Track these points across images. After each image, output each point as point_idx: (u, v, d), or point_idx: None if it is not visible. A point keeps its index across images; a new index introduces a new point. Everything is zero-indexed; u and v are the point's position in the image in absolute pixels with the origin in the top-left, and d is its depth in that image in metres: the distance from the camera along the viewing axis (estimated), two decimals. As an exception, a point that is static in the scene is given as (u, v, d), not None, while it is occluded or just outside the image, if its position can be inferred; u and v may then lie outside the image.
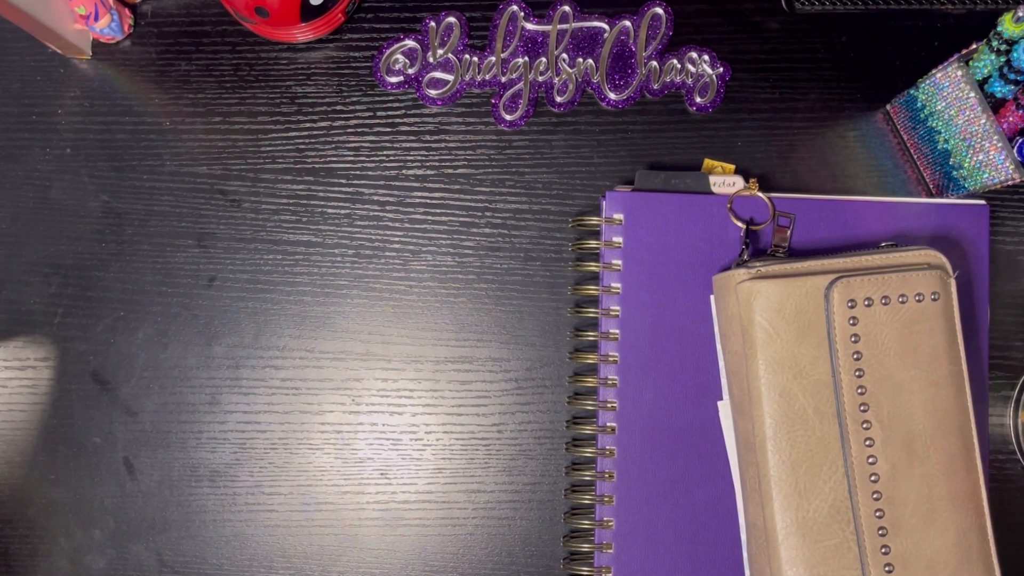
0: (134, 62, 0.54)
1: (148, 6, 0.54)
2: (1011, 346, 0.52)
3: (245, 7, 0.49)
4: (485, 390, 0.52)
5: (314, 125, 0.53)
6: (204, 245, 0.53)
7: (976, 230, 0.50)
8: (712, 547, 0.48)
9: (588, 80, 0.53)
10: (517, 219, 0.53)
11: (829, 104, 0.54)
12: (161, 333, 0.52)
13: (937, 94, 0.48)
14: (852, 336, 0.44)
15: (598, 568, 0.48)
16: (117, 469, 0.52)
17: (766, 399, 0.44)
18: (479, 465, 0.52)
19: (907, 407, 0.43)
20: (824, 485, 0.43)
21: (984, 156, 0.47)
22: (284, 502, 0.52)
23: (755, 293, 0.44)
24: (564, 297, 0.52)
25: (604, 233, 0.50)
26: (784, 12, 0.54)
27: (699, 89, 0.53)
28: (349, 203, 0.53)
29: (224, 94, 0.54)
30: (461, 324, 0.52)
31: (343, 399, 0.52)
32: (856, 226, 0.50)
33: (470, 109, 0.53)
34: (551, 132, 0.53)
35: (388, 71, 0.53)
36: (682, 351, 0.49)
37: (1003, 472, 0.52)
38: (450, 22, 0.53)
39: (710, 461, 0.48)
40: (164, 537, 0.52)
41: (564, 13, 0.53)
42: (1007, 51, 0.45)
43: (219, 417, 0.52)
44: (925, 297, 0.44)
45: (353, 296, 0.52)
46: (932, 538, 0.43)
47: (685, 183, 0.50)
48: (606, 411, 0.49)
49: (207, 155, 0.53)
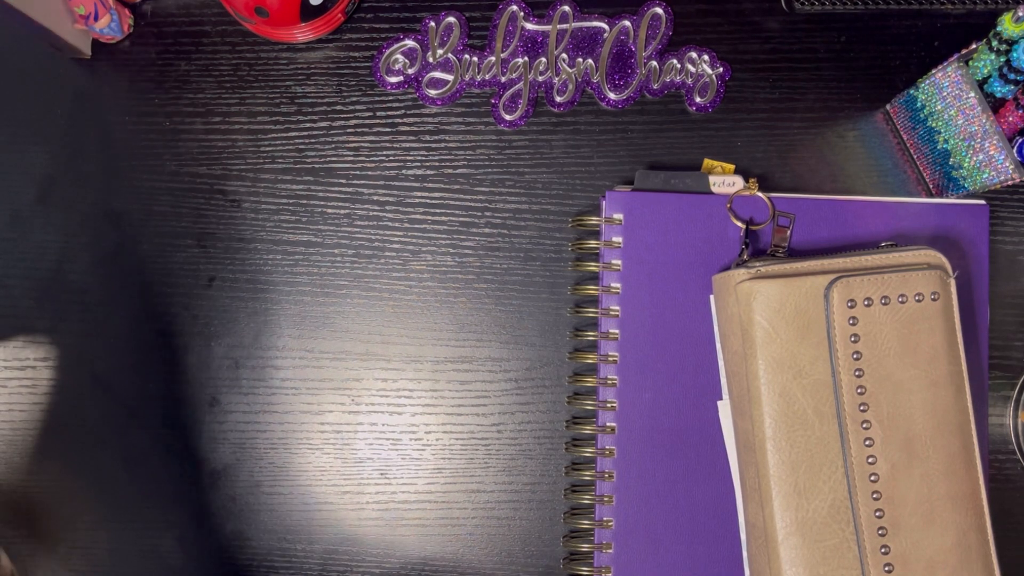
0: (134, 62, 0.54)
1: (148, 6, 0.54)
2: (1011, 346, 0.52)
3: (245, 7, 0.49)
4: (485, 390, 0.52)
5: (314, 125, 0.53)
6: (204, 245, 0.53)
7: (976, 230, 0.50)
8: (712, 547, 0.48)
9: (588, 80, 0.53)
10: (517, 219, 0.53)
11: (829, 104, 0.54)
12: (161, 333, 0.52)
13: (937, 94, 0.48)
14: (852, 336, 0.44)
15: (598, 568, 0.48)
16: (118, 469, 0.52)
17: (766, 399, 0.44)
18: (479, 465, 0.52)
19: (907, 407, 0.43)
20: (824, 485, 0.43)
21: (984, 156, 0.47)
22: (284, 502, 0.52)
23: (755, 293, 0.44)
24: (564, 297, 0.52)
25: (604, 233, 0.50)
26: (784, 12, 0.54)
27: (699, 89, 0.53)
28: (349, 203, 0.53)
29: (224, 94, 0.54)
30: (461, 324, 0.52)
31: (343, 399, 0.52)
32: (856, 226, 0.50)
33: (470, 109, 0.53)
34: (551, 132, 0.53)
35: (388, 71, 0.53)
36: (682, 351, 0.49)
37: (1003, 472, 0.52)
38: (450, 22, 0.53)
39: (710, 461, 0.48)
40: (164, 537, 0.52)
41: (564, 13, 0.53)
42: (1007, 51, 0.45)
43: (219, 417, 0.52)
44: (925, 297, 0.44)
45: (353, 296, 0.52)
46: (932, 538, 0.43)
47: (685, 183, 0.50)
48: (606, 411, 0.49)
49: (207, 155, 0.53)
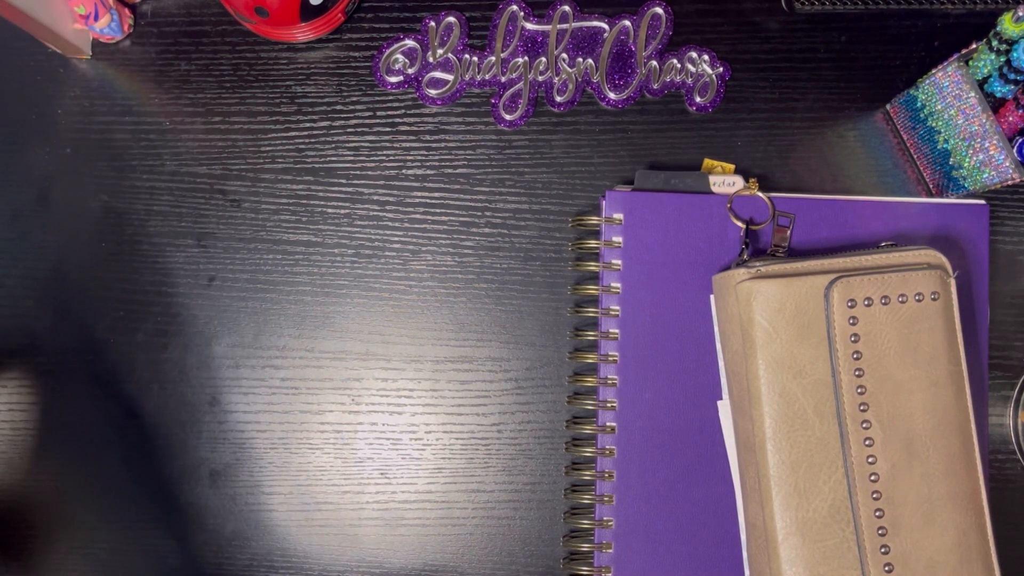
0: (134, 62, 0.54)
1: (148, 6, 0.54)
2: (1011, 346, 0.52)
3: (245, 7, 0.49)
4: (485, 390, 0.52)
5: (314, 125, 0.53)
6: (204, 245, 0.53)
7: (976, 230, 0.50)
8: (712, 547, 0.48)
9: (588, 80, 0.53)
10: (517, 219, 0.53)
11: (829, 104, 0.54)
12: (161, 333, 0.52)
13: (937, 94, 0.48)
14: (852, 336, 0.44)
15: (598, 568, 0.48)
16: (117, 469, 0.52)
17: (766, 399, 0.44)
18: (479, 465, 0.52)
19: (907, 407, 0.43)
20: (824, 485, 0.43)
21: (984, 156, 0.47)
22: (284, 502, 0.52)
23: (755, 293, 0.44)
24: (564, 297, 0.52)
25: (604, 233, 0.50)
26: (784, 12, 0.54)
27: (699, 89, 0.53)
28: (349, 203, 0.53)
29: (224, 94, 0.54)
30: (461, 324, 0.52)
31: (343, 399, 0.52)
32: (856, 226, 0.50)
33: (470, 109, 0.53)
34: (551, 132, 0.53)
35: (388, 71, 0.53)
36: (682, 351, 0.49)
37: (1003, 472, 0.52)
38: (450, 22, 0.53)
39: (710, 461, 0.48)
40: (164, 537, 0.52)
41: (564, 13, 0.53)
42: (1007, 51, 0.45)
43: (219, 417, 0.52)
44: (925, 297, 0.44)
45: (353, 296, 0.52)
46: (932, 538, 0.43)
47: (685, 183, 0.50)
48: (606, 411, 0.49)
49: (207, 155, 0.53)
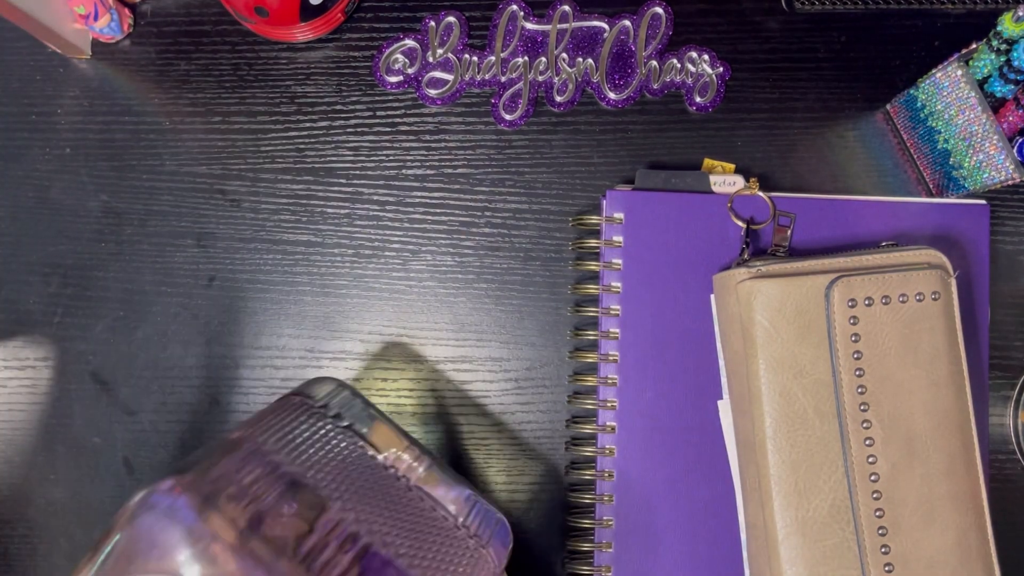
0: (134, 62, 0.54)
1: (148, 6, 0.54)
2: (1011, 346, 0.52)
3: (245, 7, 0.49)
4: (485, 390, 0.52)
5: (314, 125, 0.53)
6: (204, 245, 0.53)
7: (976, 230, 0.50)
8: (712, 547, 0.48)
9: (588, 80, 0.53)
10: (517, 219, 0.53)
11: (829, 104, 0.54)
12: (161, 333, 0.52)
13: (937, 94, 0.48)
14: (852, 335, 0.44)
15: (598, 568, 0.48)
16: (117, 469, 0.52)
17: (766, 398, 0.44)
18: (479, 465, 0.52)
19: (907, 407, 0.43)
20: (824, 485, 0.43)
21: (984, 156, 0.47)
22: (284, 502, 0.52)
23: (755, 292, 0.44)
24: (564, 296, 0.52)
25: (604, 232, 0.50)
26: (784, 12, 0.54)
27: (699, 89, 0.53)
28: (349, 203, 0.53)
29: (224, 94, 0.53)
30: (461, 324, 0.52)
31: (343, 399, 0.52)
32: (856, 226, 0.50)
33: (470, 109, 0.53)
34: (551, 132, 0.53)
35: (388, 71, 0.53)
36: (682, 350, 0.49)
37: (1003, 472, 0.52)
38: (450, 22, 0.53)
39: (710, 461, 0.48)
40: (164, 537, 0.51)
41: (564, 13, 0.53)
42: (1007, 51, 0.45)
43: (219, 417, 0.52)
44: (925, 297, 0.44)
45: (353, 296, 0.52)
46: (932, 538, 0.43)
47: (685, 182, 0.50)
48: (606, 410, 0.49)
49: (207, 155, 0.53)
